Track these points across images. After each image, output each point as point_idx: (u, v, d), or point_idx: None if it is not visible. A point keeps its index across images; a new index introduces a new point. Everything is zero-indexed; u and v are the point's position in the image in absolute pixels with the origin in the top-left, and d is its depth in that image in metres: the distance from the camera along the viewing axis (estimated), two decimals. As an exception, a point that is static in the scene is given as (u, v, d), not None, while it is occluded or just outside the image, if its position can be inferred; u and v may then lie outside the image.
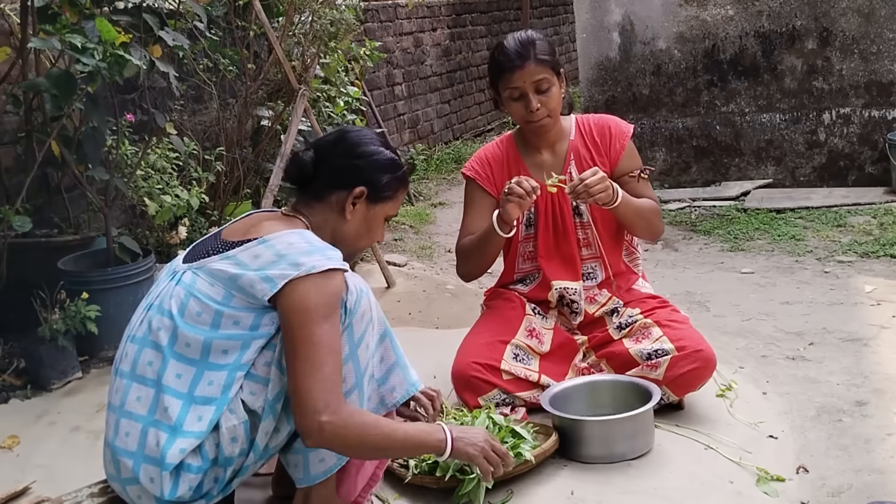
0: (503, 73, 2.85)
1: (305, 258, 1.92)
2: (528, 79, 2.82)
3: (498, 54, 2.89)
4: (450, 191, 7.20)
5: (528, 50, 2.83)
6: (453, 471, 2.32)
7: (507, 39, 2.90)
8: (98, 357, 3.60)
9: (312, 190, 2.14)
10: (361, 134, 2.21)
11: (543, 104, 2.84)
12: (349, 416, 1.90)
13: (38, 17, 3.38)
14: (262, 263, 1.93)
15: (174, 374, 1.92)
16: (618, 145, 2.98)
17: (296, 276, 1.89)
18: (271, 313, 1.94)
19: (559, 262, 2.99)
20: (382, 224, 2.22)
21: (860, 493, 2.40)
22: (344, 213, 2.12)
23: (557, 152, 3.00)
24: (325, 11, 4.50)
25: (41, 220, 3.79)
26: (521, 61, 2.82)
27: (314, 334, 1.88)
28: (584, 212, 2.97)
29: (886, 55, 5.93)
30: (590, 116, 3.08)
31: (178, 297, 1.97)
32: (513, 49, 2.85)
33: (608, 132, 3.00)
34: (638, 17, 6.48)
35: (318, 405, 1.85)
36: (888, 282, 4.19)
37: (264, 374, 1.95)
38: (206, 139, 4.71)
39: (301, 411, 1.87)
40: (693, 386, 2.78)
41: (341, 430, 1.88)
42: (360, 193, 2.12)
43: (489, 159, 3.04)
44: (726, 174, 6.45)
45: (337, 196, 2.12)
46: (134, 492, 1.94)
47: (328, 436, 1.88)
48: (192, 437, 1.90)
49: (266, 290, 1.91)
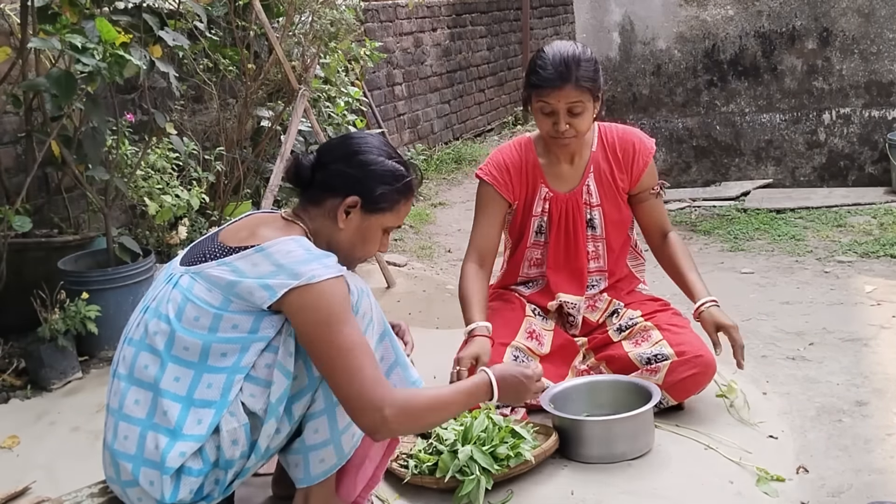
0: (539, 87, 2.73)
1: (304, 267, 1.90)
2: (563, 99, 2.71)
3: (539, 67, 2.74)
4: (450, 191, 7.20)
5: (570, 72, 2.69)
6: (453, 472, 2.32)
7: (551, 51, 2.75)
8: (98, 357, 3.60)
9: (310, 194, 2.11)
10: (365, 140, 2.13)
11: (573, 125, 2.75)
12: (404, 400, 1.93)
13: (38, 17, 3.38)
14: (261, 272, 1.91)
15: (172, 377, 1.92)
16: (641, 163, 2.93)
17: (296, 285, 1.88)
18: (271, 317, 1.93)
19: (567, 276, 2.97)
20: (380, 235, 2.14)
21: (860, 493, 2.40)
22: (337, 220, 2.07)
23: (577, 163, 2.95)
24: (325, 11, 4.50)
25: (41, 220, 3.79)
26: (561, 83, 2.69)
27: (343, 342, 1.88)
28: (597, 224, 2.95)
29: (886, 55, 5.93)
30: (614, 128, 2.99)
31: (175, 301, 1.95)
32: (555, 67, 2.70)
33: (632, 149, 2.94)
34: (638, 17, 6.48)
35: (374, 404, 1.87)
36: (888, 282, 4.19)
37: (265, 376, 1.94)
38: (206, 139, 4.71)
39: (361, 415, 1.89)
40: (692, 391, 2.78)
41: (404, 417, 1.91)
42: (354, 203, 2.06)
43: (507, 164, 2.94)
44: (726, 174, 6.45)
45: (331, 202, 2.07)
46: (134, 494, 1.94)
47: (395, 426, 1.91)
48: (192, 440, 1.89)
49: (265, 297, 1.90)
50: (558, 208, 2.93)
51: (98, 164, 3.62)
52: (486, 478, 2.32)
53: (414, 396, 1.99)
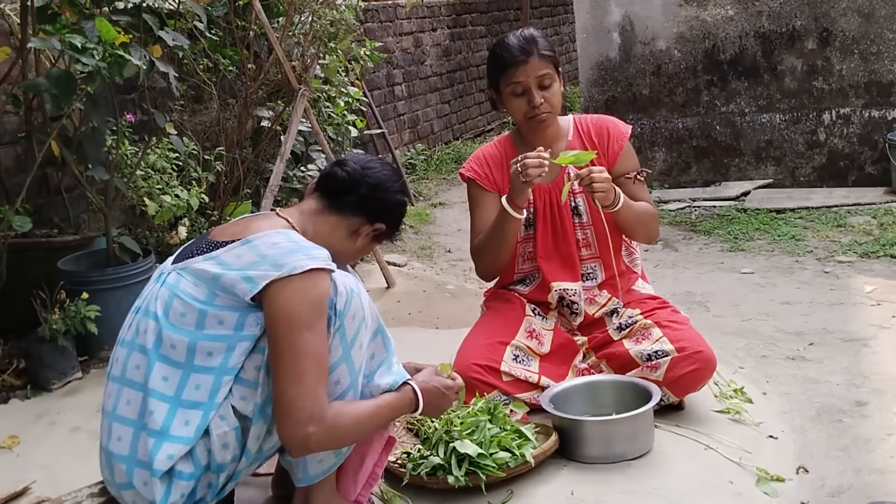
0: (507, 68, 2.85)
1: (287, 258, 1.91)
2: (532, 73, 2.82)
3: (501, 50, 2.88)
4: (450, 191, 7.20)
5: (531, 46, 2.84)
6: (455, 474, 2.32)
7: (507, 37, 2.90)
8: (98, 357, 3.60)
9: (339, 204, 2.15)
10: (391, 174, 2.23)
11: (546, 100, 2.85)
12: (332, 420, 1.92)
13: (38, 17, 3.37)
14: (244, 263, 1.92)
15: (160, 376, 1.92)
16: (616, 146, 2.98)
17: (277, 276, 1.89)
18: (256, 313, 1.93)
19: (559, 263, 2.99)
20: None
21: (860, 493, 2.40)
22: (356, 237, 2.16)
23: (556, 152, 2.99)
24: (325, 12, 4.50)
25: (41, 220, 3.79)
26: (526, 56, 2.82)
27: (297, 344, 1.88)
28: (583, 212, 2.97)
29: (886, 55, 5.93)
30: (588, 117, 3.08)
31: (163, 298, 1.96)
32: (516, 45, 2.85)
33: (606, 132, 2.99)
34: (638, 17, 6.48)
35: (301, 416, 1.87)
36: (888, 282, 4.19)
37: (253, 377, 1.94)
38: (206, 139, 4.71)
39: (285, 423, 1.89)
40: (693, 387, 2.78)
41: (326, 437, 1.92)
42: (379, 230, 2.18)
43: (487, 159, 3.04)
44: (726, 174, 6.45)
45: (359, 221, 2.15)
46: (129, 496, 1.94)
47: (314, 446, 1.91)
48: (180, 442, 1.89)
49: (247, 290, 1.90)
50: (542, 199, 2.96)
51: (98, 164, 3.62)
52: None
53: (340, 415, 1.95)
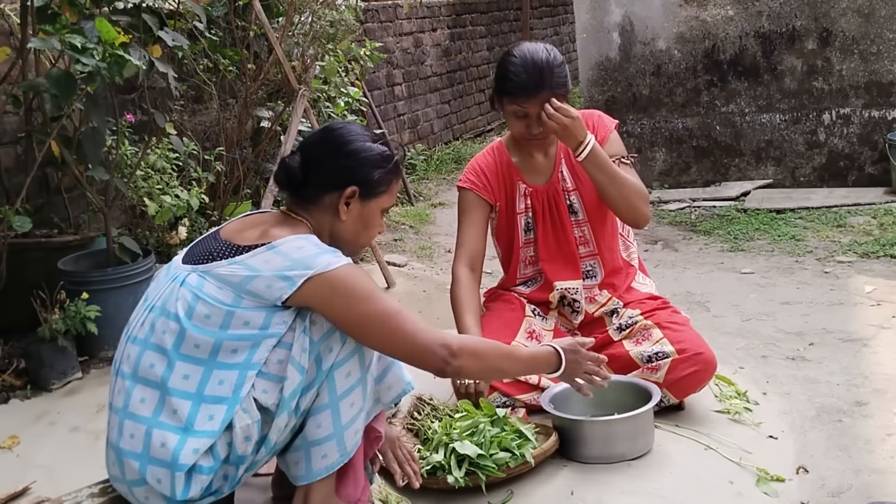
0: (513, 94, 2.76)
1: (316, 259, 1.94)
2: (538, 106, 2.75)
3: (512, 73, 2.75)
4: (450, 191, 7.20)
5: (544, 80, 2.72)
6: (454, 474, 2.32)
7: (521, 57, 2.75)
8: (98, 357, 3.60)
9: (305, 194, 2.11)
10: (346, 130, 2.15)
11: (545, 126, 2.78)
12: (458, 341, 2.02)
13: (38, 17, 3.37)
14: (276, 267, 1.93)
15: (181, 375, 1.92)
16: (599, 137, 2.94)
17: (312, 274, 1.91)
18: (282, 312, 1.94)
19: (561, 263, 2.99)
20: (380, 217, 2.19)
21: (860, 493, 2.41)
22: (338, 214, 2.10)
23: (549, 154, 3.01)
24: (324, 12, 4.50)
25: (41, 220, 3.79)
26: (536, 91, 2.72)
27: (379, 312, 1.95)
28: (578, 210, 2.97)
29: (886, 55, 5.93)
30: None
31: (185, 299, 1.95)
32: (529, 74, 2.72)
33: (591, 124, 2.97)
34: (638, 17, 6.48)
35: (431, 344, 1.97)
36: (888, 282, 4.19)
37: (278, 371, 1.94)
38: (206, 139, 4.71)
39: (426, 359, 1.98)
40: (693, 389, 2.78)
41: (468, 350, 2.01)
42: (352, 193, 2.09)
43: (483, 168, 3.03)
44: (726, 174, 6.45)
45: (330, 198, 2.09)
46: (141, 493, 1.94)
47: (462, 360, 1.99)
48: (205, 436, 1.89)
49: (284, 287, 1.91)
50: (540, 201, 2.97)
51: (98, 164, 3.62)
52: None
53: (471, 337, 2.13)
